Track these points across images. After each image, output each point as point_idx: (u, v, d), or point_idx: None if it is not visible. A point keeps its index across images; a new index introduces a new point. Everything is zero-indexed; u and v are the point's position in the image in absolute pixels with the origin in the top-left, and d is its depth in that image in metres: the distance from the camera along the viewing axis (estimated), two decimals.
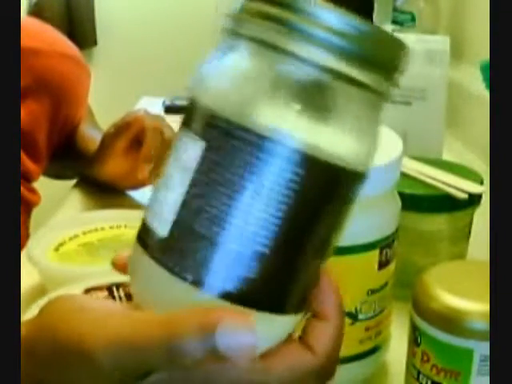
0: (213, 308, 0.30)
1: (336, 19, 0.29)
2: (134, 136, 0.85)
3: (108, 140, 0.88)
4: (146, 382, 0.31)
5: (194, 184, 0.30)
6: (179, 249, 0.31)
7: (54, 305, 0.34)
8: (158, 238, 0.32)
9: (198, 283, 0.30)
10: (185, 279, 0.30)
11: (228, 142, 0.30)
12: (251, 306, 0.31)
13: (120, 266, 0.37)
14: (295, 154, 0.29)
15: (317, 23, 0.29)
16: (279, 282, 0.31)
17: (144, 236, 0.33)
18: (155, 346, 0.29)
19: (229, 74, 0.31)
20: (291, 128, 0.29)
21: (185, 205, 0.31)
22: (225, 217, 0.30)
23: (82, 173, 0.96)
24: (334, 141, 0.30)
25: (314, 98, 0.30)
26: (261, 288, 0.31)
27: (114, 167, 0.88)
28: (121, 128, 0.86)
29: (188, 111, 0.32)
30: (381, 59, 0.31)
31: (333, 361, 0.34)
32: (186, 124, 0.32)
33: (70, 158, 0.99)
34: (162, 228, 0.31)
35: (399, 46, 0.32)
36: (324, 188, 0.31)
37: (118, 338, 0.30)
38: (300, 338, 0.34)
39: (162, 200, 0.32)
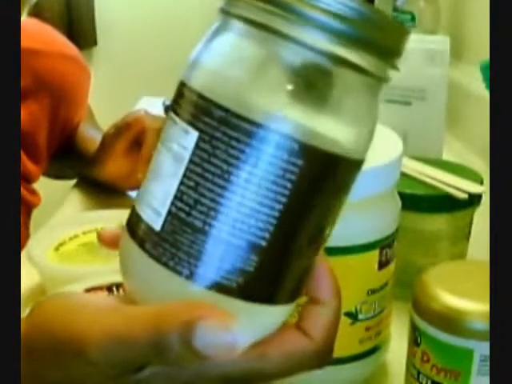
0: (198, 304, 0.30)
1: (333, 1, 0.28)
2: (134, 137, 0.86)
3: (108, 140, 0.88)
4: (140, 375, 0.31)
5: (187, 175, 0.30)
6: (173, 242, 0.30)
7: (49, 303, 0.34)
8: (150, 231, 0.31)
9: (193, 277, 0.30)
10: (180, 273, 0.30)
11: (221, 130, 0.29)
12: (246, 298, 0.30)
13: (105, 241, 0.38)
14: (291, 142, 0.29)
15: (313, 5, 0.28)
16: (274, 274, 0.31)
17: (135, 228, 0.32)
18: (143, 341, 0.29)
19: (221, 58, 0.30)
20: (287, 116, 0.29)
21: (178, 197, 0.30)
22: (220, 208, 0.29)
23: (82, 173, 0.96)
24: (332, 128, 0.30)
25: (311, 83, 0.29)
26: (256, 280, 0.30)
27: (114, 168, 0.88)
28: (121, 129, 0.86)
29: (178, 96, 0.31)
30: (380, 42, 0.29)
31: (330, 345, 0.34)
32: (176, 111, 0.31)
33: (70, 158, 0.99)
34: (154, 221, 0.31)
35: (399, 29, 0.31)
36: (321, 177, 0.30)
37: (110, 334, 0.30)
38: (296, 323, 0.34)
39: (154, 191, 0.31)
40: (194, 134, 0.30)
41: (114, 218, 0.72)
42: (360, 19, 0.29)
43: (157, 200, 0.31)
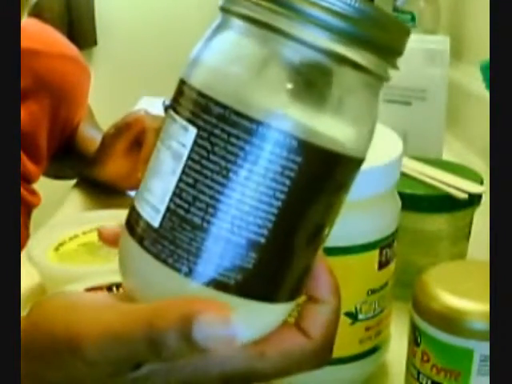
0: (194, 299, 0.30)
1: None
2: (134, 137, 0.86)
3: (108, 141, 0.88)
4: (138, 373, 0.31)
5: (186, 172, 0.30)
6: (172, 239, 0.30)
7: (48, 302, 0.34)
8: (149, 228, 0.31)
9: (191, 274, 0.30)
10: (179, 270, 0.30)
11: (220, 127, 0.29)
12: (245, 295, 0.30)
13: (105, 239, 0.38)
14: (291, 139, 0.29)
15: (313, 3, 0.28)
16: (273, 271, 0.31)
17: (134, 225, 0.32)
18: (138, 338, 0.29)
19: (221, 55, 0.30)
20: (287, 114, 0.29)
21: (177, 194, 0.30)
22: (218, 206, 0.29)
23: (82, 173, 0.96)
24: (332, 126, 0.30)
25: (311, 81, 0.29)
26: (255, 277, 0.30)
27: (114, 168, 0.88)
28: (121, 129, 0.87)
29: (177, 94, 0.31)
30: (381, 41, 0.29)
31: (329, 344, 0.34)
32: (175, 108, 0.31)
33: (70, 158, 0.99)
34: (153, 218, 0.31)
35: (400, 28, 0.31)
36: (320, 175, 0.30)
37: (105, 331, 0.30)
38: (295, 322, 0.34)
39: (153, 188, 0.31)
40: (192, 131, 0.30)
41: (114, 218, 0.72)
42: (361, 17, 0.28)
43: (156, 197, 0.31)
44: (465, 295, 0.44)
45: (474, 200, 0.65)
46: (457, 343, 0.44)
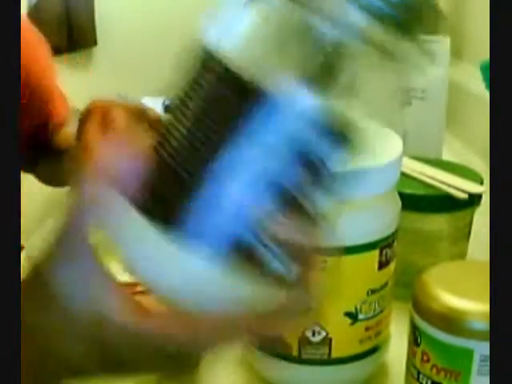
0: None
1: None
2: (101, 117, 0.85)
3: (81, 128, 0.88)
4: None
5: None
6: None
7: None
8: None
9: None
10: None
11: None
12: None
13: None
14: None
15: None
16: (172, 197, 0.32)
17: None
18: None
19: (251, 27, 0.31)
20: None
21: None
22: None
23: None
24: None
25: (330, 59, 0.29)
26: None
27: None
28: (87, 112, 0.86)
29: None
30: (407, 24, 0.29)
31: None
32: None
33: (59, 161, 0.99)
34: None
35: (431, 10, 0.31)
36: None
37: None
38: None
39: None
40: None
41: None
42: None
43: None
44: (465, 295, 0.44)
45: (474, 200, 0.65)
46: (457, 343, 0.44)
